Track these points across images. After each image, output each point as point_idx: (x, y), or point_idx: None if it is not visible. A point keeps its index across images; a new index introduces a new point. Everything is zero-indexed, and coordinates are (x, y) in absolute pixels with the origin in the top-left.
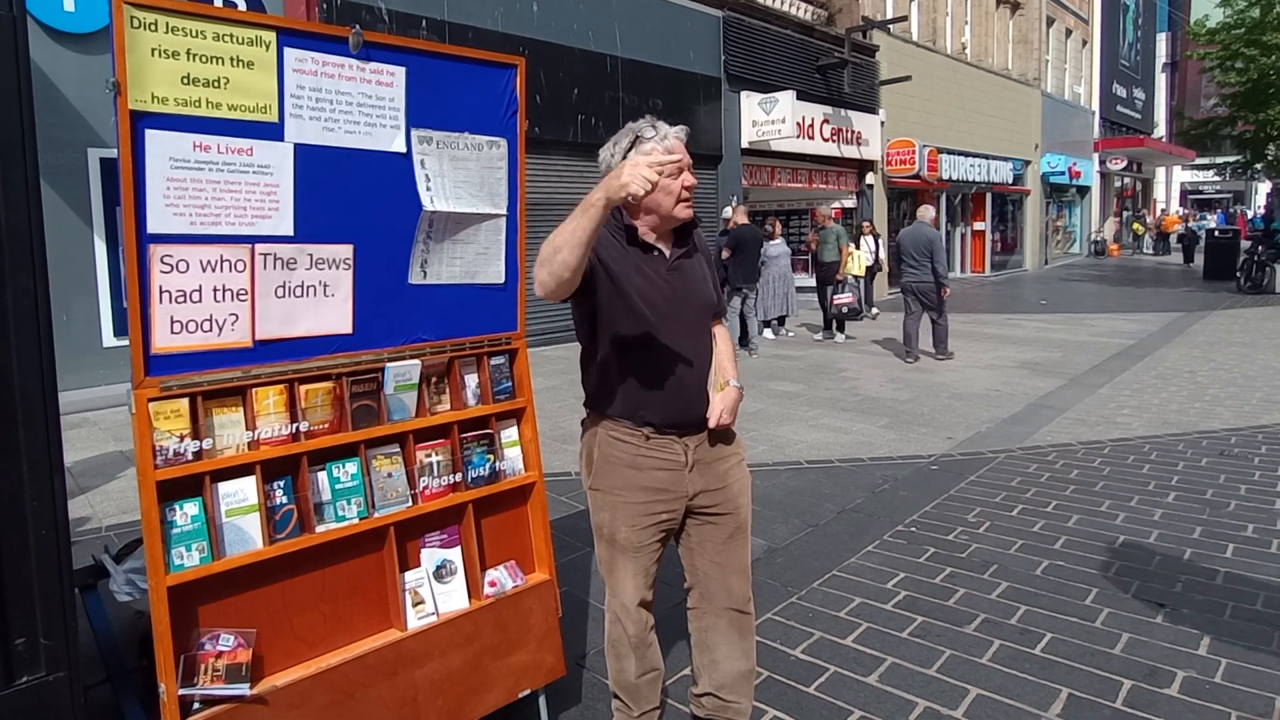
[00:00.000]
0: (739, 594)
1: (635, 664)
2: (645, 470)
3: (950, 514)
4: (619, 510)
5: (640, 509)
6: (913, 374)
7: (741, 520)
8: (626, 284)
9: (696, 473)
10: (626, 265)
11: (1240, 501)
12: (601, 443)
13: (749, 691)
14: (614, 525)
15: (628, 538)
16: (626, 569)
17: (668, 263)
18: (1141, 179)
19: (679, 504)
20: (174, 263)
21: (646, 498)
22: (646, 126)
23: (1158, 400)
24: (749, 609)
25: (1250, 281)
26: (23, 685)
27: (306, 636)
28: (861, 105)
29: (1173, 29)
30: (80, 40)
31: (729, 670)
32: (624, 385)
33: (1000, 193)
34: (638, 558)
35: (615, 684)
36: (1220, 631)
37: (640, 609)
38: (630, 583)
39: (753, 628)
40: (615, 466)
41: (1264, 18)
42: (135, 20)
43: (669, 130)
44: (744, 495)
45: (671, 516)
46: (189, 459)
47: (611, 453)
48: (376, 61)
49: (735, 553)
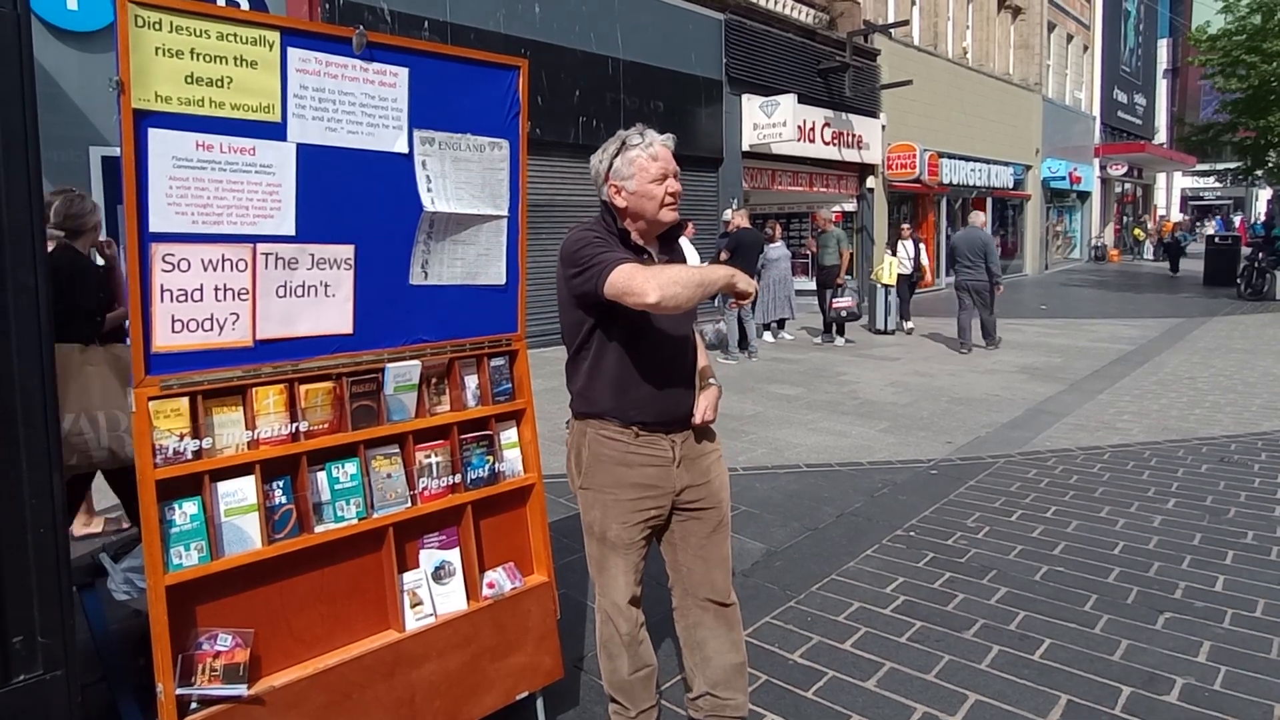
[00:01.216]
0: (721, 586)
1: (628, 662)
2: (635, 467)
3: (949, 519)
4: (610, 508)
5: (630, 506)
6: (912, 378)
7: (724, 514)
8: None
9: (683, 468)
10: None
11: (1240, 508)
12: (591, 442)
13: (743, 686)
14: (605, 523)
15: (618, 535)
16: (617, 566)
17: (655, 264)
18: (1142, 185)
19: (666, 500)
20: (175, 262)
21: (637, 494)
22: (634, 134)
23: (1158, 406)
24: (732, 600)
25: (1251, 288)
26: (20, 684)
27: (304, 637)
28: (862, 109)
29: (1174, 35)
30: (82, 38)
31: (720, 665)
32: (615, 384)
33: (1001, 197)
34: (628, 555)
35: (610, 685)
36: (1220, 638)
37: (631, 606)
38: (622, 580)
39: (739, 620)
40: (605, 465)
41: (1265, 24)
42: (139, 19)
43: (655, 138)
44: (724, 490)
45: (660, 513)
46: (188, 458)
47: (602, 451)
48: (380, 62)
49: (718, 546)
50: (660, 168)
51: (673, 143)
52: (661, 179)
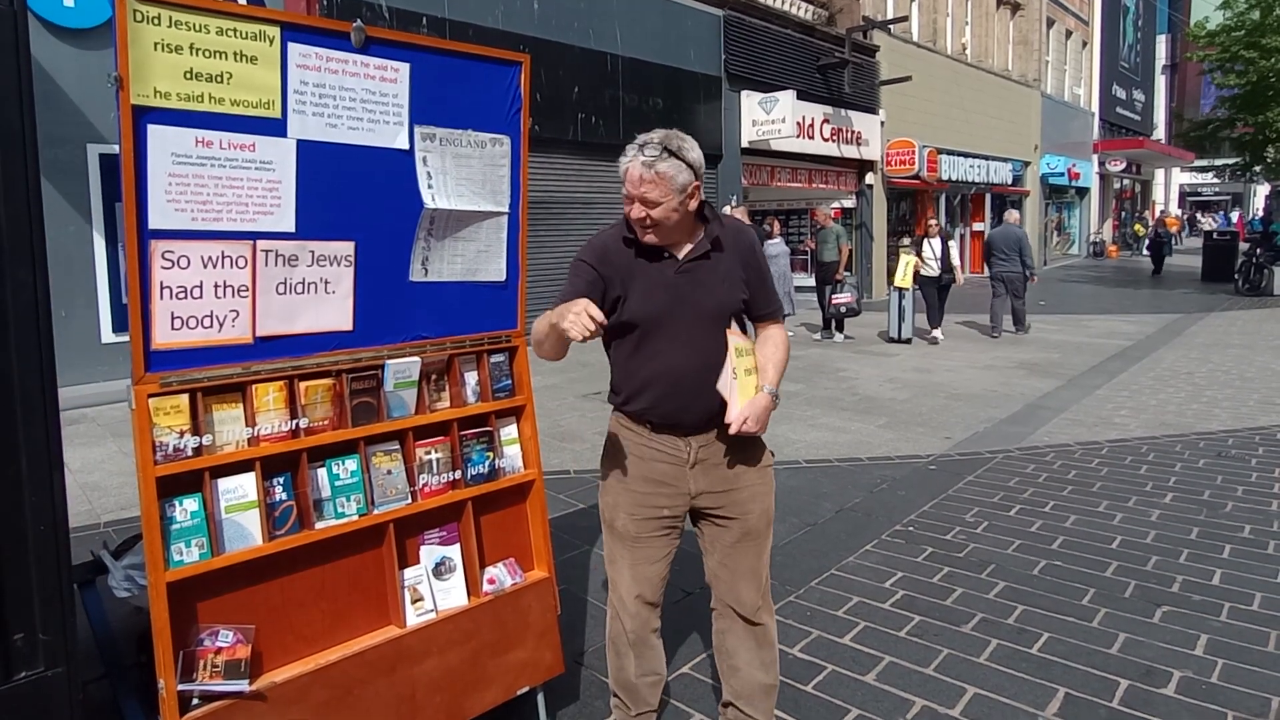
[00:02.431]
0: (748, 602)
1: (634, 663)
2: (648, 461)
3: (948, 514)
4: (620, 497)
5: (640, 499)
6: (911, 374)
7: (749, 527)
8: (625, 291)
9: (700, 471)
10: (628, 272)
11: (1237, 502)
12: (615, 431)
13: (768, 709)
14: (615, 511)
15: (625, 526)
16: (624, 560)
17: (678, 264)
18: (1141, 181)
19: (680, 500)
20: (175, 258)
21: (647, 488)
22: (633, 146)
23: (1155, 401)
24: (761, 620)
25: (1248, 283)
26: (21, 680)
27: (305, 633)
28: (861, 105)
29: (1173, 31)
30: (80, 35)
31: (748, 680)
32: (629, 381)
33: (999, 193)
34: (635, 549)
35: (615, 682)
36: (1217, 632)
37: (638, 603)
38: (628, 574)
39: (771, 642)
40: (622, 455)
41: (1264, 20)
42: (138, 14)
43: (633, 156)
44: (755, 503)
45: (673, 512)
46: (189, 455)
47: (621, 442)
48: (381, 57)
49: (742, 557)
50: (627, 189)
51: (651, 159)
52: (629, 201)
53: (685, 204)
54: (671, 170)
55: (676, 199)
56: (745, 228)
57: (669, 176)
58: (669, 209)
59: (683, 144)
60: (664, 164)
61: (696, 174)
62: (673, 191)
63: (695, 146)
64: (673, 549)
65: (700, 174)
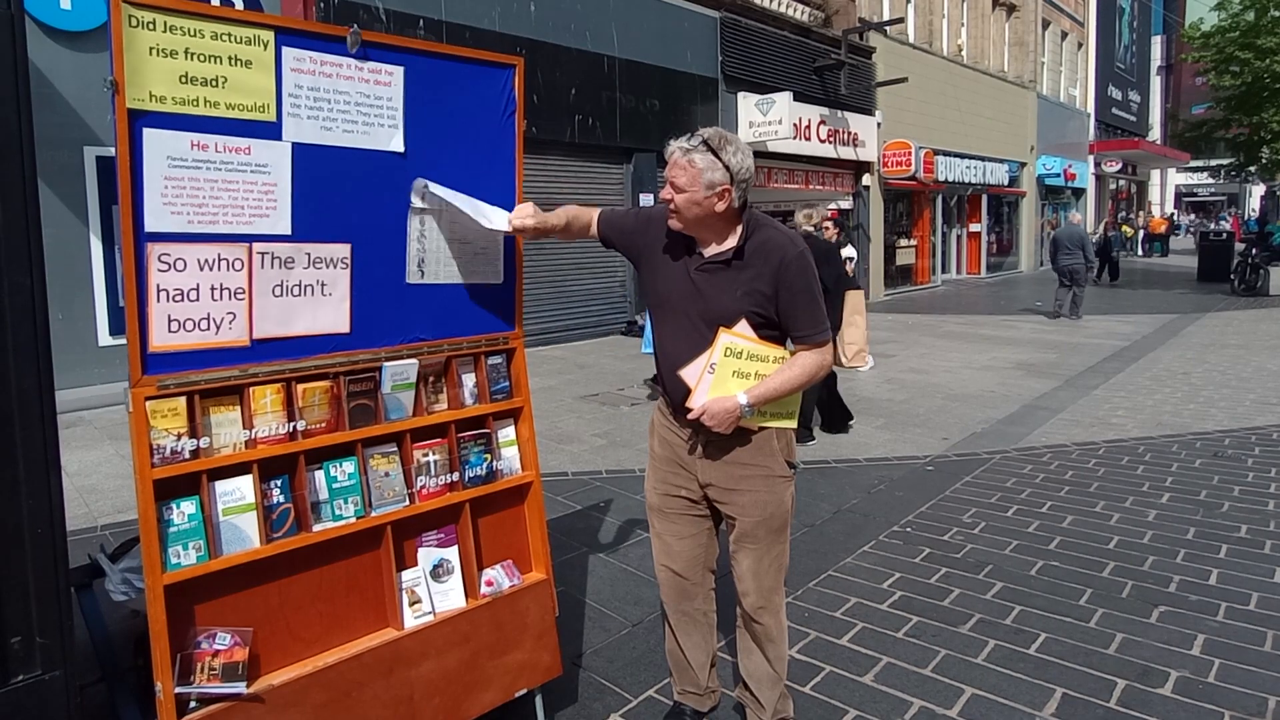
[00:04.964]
0: (748, 598)
1: (672, 635)
2: (668, 441)
3: (946, 514)
4: (651, 470)
5: (661, 474)
6: (908, 375)
7: (745, 530)
8: (650, 272)
9: (707, 462)
10: (655, 249)
11: (1233, 502)
12: (657, 406)
13: (771, 699)
14: (648, 482)
15: (650, 497)
16: (654, 529)
17: (701, 261)
18: (1136, 181)
19: (693, 484)
20: (171, 261)
21: (664, 466)
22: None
23: (1152, 402)
24: (761, 620)
25: (1244, 284)
26: (18, 684)
27: (303, 635)
28: (858, 107)
29: (1168, 32)
30: (77, 38)
31: (758, 664)
32: (658, 359)
33: (996, 194)
34: (661, 519)
35: (666, 651)
36: (1214, 631)
37: (667, 573)
38: (657, 544)
39: (771, 639)
40: (654, 431)
41: (1258, 21)
42: (134, 19)
43: (677, 143)
44: (755, 510)
45: (689, 495)
46: (186, 457)
47: (655, 416)
48: (375, 61)
49: (741, 556)
50: (665, 170)
51: (692, 148)
52: (664, 181)
53: (711, 201)
54: (703, 164)
55: (702, 193)
56: (790, 244)
57: (699, 168)
58: (691, 200)
59: (726, 145)
60: (698, 155)
61: (732, 177)
62: (699, 184)
63: (742, 151)
64: (701, 531)
65: (737, 179)
